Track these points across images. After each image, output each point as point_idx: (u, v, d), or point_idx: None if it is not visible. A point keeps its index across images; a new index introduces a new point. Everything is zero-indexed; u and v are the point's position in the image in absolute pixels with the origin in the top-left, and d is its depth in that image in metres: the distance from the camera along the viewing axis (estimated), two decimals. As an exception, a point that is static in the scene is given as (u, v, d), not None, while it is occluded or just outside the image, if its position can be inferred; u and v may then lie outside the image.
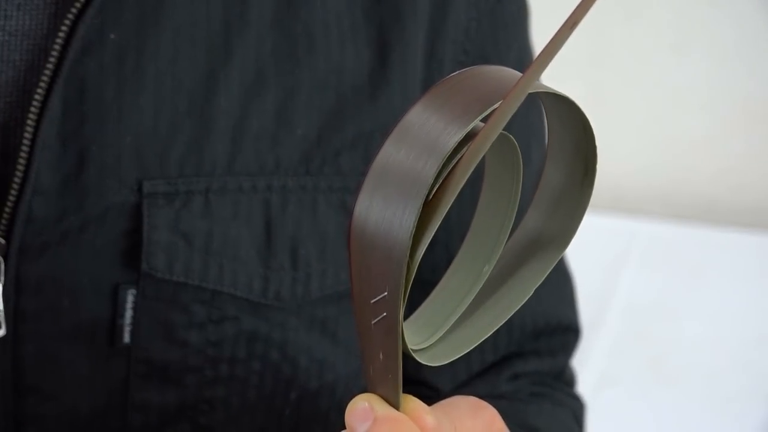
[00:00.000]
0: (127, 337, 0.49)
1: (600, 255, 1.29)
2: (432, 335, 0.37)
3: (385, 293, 0.33)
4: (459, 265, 0.38)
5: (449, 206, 0.33)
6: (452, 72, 0.54)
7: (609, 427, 1.10)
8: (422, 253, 0.33)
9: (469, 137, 0.33)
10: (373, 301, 0.33)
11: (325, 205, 0.51)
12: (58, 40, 0.47)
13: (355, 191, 0.52)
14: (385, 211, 0.33)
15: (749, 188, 1.38)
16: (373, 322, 0.34)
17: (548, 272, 0.38)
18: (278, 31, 0.50)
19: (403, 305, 0.33)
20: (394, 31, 0.52)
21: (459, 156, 0.33)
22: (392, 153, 0.33)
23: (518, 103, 0.32)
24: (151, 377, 0.50)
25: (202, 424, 0.51)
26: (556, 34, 0.31)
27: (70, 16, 0.47)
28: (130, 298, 0.49)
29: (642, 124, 1.41)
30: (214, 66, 0.49)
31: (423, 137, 0.33)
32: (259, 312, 0.51)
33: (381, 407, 0.35)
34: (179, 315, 0.50)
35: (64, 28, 0.47)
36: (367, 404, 0.35)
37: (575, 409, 0.58)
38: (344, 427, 0.56)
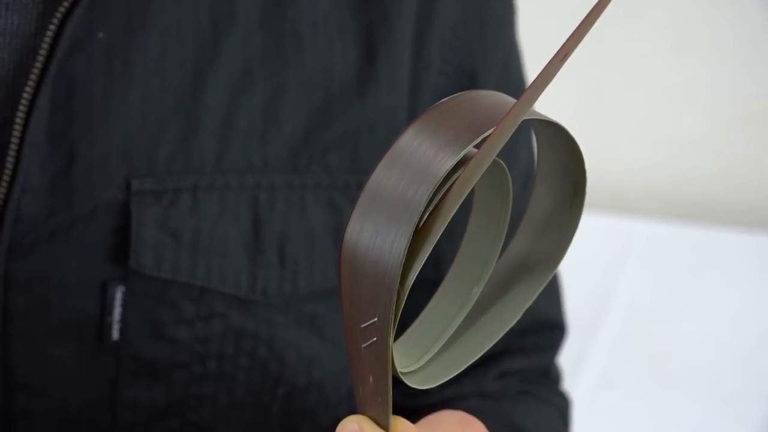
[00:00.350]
0: (115, 334, 0.50)
1: (600, 255, 1.29)
2: (421, 357, 0.37)
3: (375, 319, 0.33)
4: (448, 286, 0.38)
5: (440, 234, 0.33)
6: (439, 70, 0.55)
7: (609, 427, 1.10)
8: (413, 280, 0.33)
9: (461, 164, 0.33)
10: (363, 325, 0.34)
11: (313, 202, 0.52)
12: (46, 39, 0.47)
13: (341, 189, 0.52)
14: (376, 237, 0.33)
15: (749, 188, 1.38)
16: (363, 345, 0.34)
17: (537, 294, 0.38)
18: (266, 29, 0.51)
19: (393, 331, 0.33)
20: (381, 30, 0.52)
21: (450, 183, 0.33)
22: (384, 179, 0.33)
23: (510, 133, 0.32)
24: (140, 374, 0.50)
25: (190, 421, 0.51)
26: (547, 66, 0.31)
27: (58, 15, 0.47)
28: (118, 296, 0.49)
29: (642, 124, 1.41)
30: (201, 64, 0.50)
31: (414, 164, 0.33)
32: (246, 308, 0.51)
33: (371, 429, 0.35)
34: (168, 312, 0.50)
35: (52, 27, 0.47)
36: (357, 426, 0.35)
37: (561, 407, 0.59)
38: (331, 422, 0.56)
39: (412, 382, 0.37)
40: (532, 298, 0.38)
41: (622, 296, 1.25)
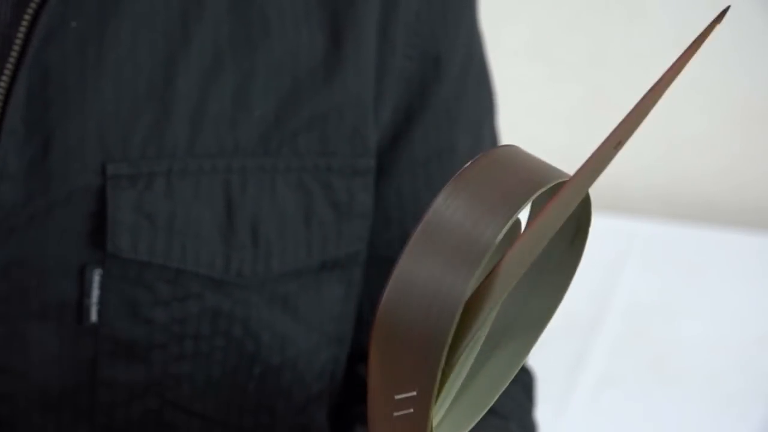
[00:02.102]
0: (94, 316, 0.51)
1: (600, 255, 1.29)
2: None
3: (414, 392, 0.32)
4: None
5: (491, 314, 0.32)
6: (404, 54, 0.55)
7: (609, 427, 1.10)
8: (461, 358, 0.32)
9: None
10: (398, 396, 0.32)
11: (284, 184, 0.53)
12: (22, 29, 0.48)
13: (311, 171, 0.53)
14: (419, 312, 0.31)
15: (749, 188, 1.38)
16: (395, 414, 0.32)
17: (529, 353, 0.37)
18: (234, 16, 0.52)
19: (433, 407, 0.32)
20: (348, 15, 0.53)
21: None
22: (420, 258, 0.31)
23: (557, 226, 0.31)
24: (119, 354, 0.51)
25: (168, 400, 0.52)
26: (598, 150, 0.31)
27: (33, 5, 0.49)
28: (96, 278, 0.50)
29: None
30: (172, 51, 0.51)
31: (453, 242, 0.31)
32: (221, 289, 0.52)
33: None
34: (144, 293, 0.51)
35: (26, 17, 0.49)
36: None
37: (526, 383, 0.60)
38: (306, 400, 0.57)
39: None
40: (523, 359, 0.37)
41: (622, 296, 1.25)
